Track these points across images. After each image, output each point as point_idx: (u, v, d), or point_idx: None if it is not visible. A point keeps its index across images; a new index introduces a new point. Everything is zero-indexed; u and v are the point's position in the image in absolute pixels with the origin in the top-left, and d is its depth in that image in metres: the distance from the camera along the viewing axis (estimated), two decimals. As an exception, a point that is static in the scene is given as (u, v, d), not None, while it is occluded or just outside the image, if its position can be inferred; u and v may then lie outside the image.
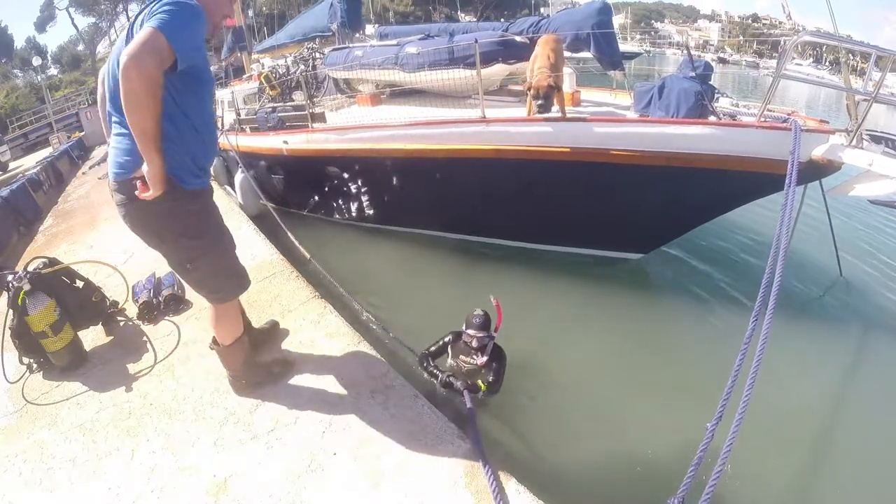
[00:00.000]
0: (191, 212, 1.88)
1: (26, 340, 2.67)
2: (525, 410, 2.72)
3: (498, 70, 4.54)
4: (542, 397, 2.82)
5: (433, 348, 2.83)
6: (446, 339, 2.82)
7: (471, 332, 2.65)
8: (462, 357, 2.73)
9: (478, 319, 2.66)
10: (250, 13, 13.94)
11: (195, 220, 1.90)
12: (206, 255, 1.96)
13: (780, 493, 2.38)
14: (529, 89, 3.55)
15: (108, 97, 1.81)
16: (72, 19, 30.49)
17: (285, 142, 4.90)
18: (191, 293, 3.44)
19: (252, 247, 4.21)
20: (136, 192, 1.73)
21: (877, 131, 3.01)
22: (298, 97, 5.79)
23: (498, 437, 2.50)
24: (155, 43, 1.53)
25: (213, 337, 2.26)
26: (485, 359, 2.66)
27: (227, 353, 2.27)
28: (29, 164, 12.83)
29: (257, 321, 2.86)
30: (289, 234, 3.87)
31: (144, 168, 1.68)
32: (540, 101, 3.46)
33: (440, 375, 2.62)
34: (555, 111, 3.64)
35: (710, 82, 3.69)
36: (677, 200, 3.50)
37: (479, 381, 2.57)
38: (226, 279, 2.08)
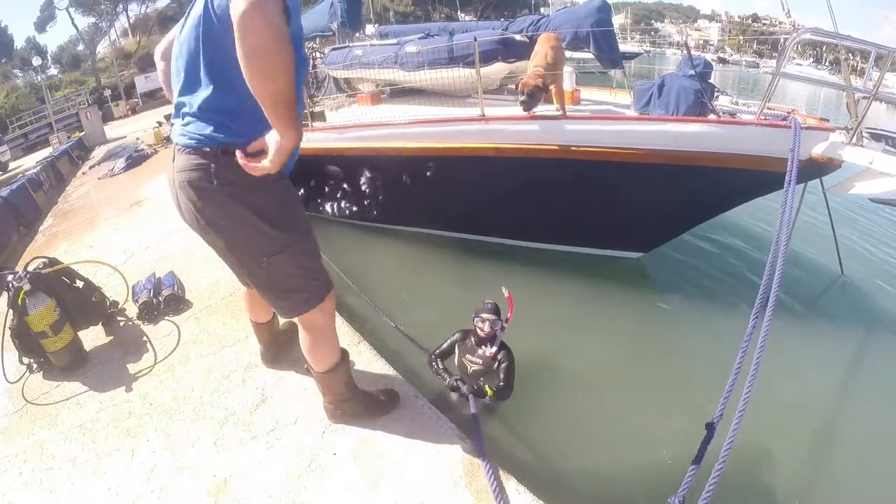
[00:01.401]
0: (275, 192, 1.59)
1: (26, 340, 2.67)
2: (525, 410, 2.71)
3: (497, 69, 4.55)
4: (542, 397, 2.82)
5: (442, 348, 2.79)
6: (454, 339, 2.80)
7: (484, 315, 2.63)
8: (468, 356, 2.70)
9: (489, 305, 2.65)
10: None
11: (279, 205, 1.61)
12: (290, 247, 1.64)
13: (781, 490, 2.38)
14: (517, 86, 3.56)
15: (188, 88, 1.52)
16: (72, 19, 30.41)
17: (285, 141, 4.89)
18: (191, 293, 3.44)
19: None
20: (241, 161, 1.39)
21: (877, 129, 3.01)
22: (298, 96, 5.79)
23: (498, 436, 2.50)
24: None
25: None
26: (493, 349, 2.62)
27: (326, 379, 1.99)
28: (29, 164, 12.82)
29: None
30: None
31: (271, 138, 1.36)
32: (523, 98, 3.47)
33: (448, 379, 2.59)
34: (554, 109, 3.64)
35: (710, 81, 3.69)
36: (677, 199, 3.50)
37: (487, 387, 2.53)
38: (306, 280, 1.72)
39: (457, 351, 2.77)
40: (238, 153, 1.40)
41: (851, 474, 2.48)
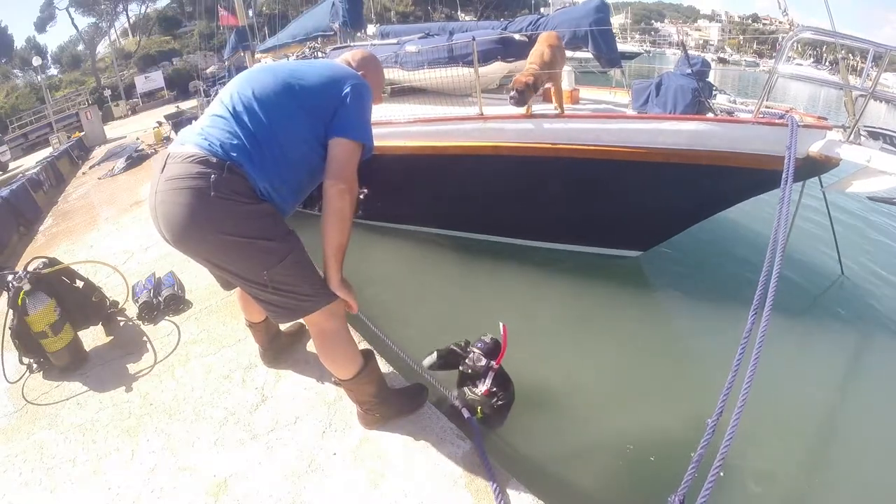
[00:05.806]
0: (266, 212, 1.63)
1: (26, 340, 2.67)
2: (525, 410, 2.70)
3: (497, 68, 4.55)
4: (541, 396, 2.82)
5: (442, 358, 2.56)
6: (455, 353, 2.54)
7: (474, 350, 2.45)
8: (468, 384, 2.50)
9: (480, 343, 2.47)
10: (250, 13, 13.93)
11: (271, 221, 1.64)
12: (289, 255, 1.64)
13: (779, 488, 2.38)
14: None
15: (238, 108, 1.60)
16: (72, 19, 30.50)
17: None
18: (191, 293, 3.44)
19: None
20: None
21: (875, 127, 3.01)
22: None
23: (498, 436, 2.50)
24: (358, 156, 1.70)
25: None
26: (485, 388, 2.42)
27: (353, 386, 1.92)
28: (29, 164, 12.84)
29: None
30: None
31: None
32: (513, 94, 3.51)
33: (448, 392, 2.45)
34: (551, 109, 3.65)
35: (708, 79, 3.70)
36: (675, 197, 3.50)
37: (479, 409, 2.37)
38: (311, 285, 1.69)
39: (458, 374, 2.55)
40: None
41: (850, 473, 2.49)
